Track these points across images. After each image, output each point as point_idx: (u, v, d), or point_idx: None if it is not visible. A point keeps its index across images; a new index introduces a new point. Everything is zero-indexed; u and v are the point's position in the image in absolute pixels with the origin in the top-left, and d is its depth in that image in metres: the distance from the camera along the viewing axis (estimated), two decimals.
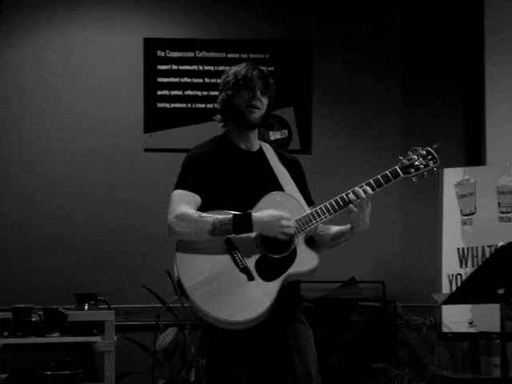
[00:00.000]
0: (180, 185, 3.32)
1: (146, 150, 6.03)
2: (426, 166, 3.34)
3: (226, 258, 3.20)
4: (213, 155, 3.35)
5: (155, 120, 6.04)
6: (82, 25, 6.04)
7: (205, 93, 6.07)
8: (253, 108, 3.35)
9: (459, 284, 5.16)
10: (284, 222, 3.17)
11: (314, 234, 3.36)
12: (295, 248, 3.22)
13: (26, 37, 5.98)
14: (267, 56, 6.14)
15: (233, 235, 3.20)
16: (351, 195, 3.23)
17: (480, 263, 5.06)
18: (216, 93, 5.93)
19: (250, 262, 3.19)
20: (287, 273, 3.19)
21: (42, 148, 5.96)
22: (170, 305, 5.52)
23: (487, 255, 5.12)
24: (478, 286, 3.74)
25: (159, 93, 6.05)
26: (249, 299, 3.13)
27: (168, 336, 5.47)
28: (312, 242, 3.35)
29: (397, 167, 3.31)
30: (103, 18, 6.08)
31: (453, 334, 5.23)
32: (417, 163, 3.34)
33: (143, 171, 6.01)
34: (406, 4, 6.37)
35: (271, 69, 6.07)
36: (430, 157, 3.37)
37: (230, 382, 3.18)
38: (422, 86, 6.37)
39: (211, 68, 6.08)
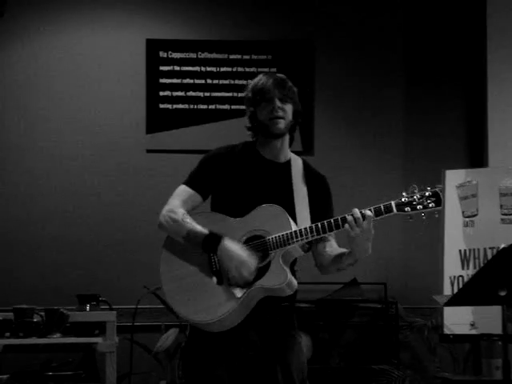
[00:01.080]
0: (187, 180, 3.39)
1: (148, 151, 6.03)
2: (425, 207, 3.20)
3: (204, 258, 3.23)
4: (231, 159, 3.37)
5: (157, 121, 6.04)
6: (85, 26, 6.05)
7: (207, 94, 6.08)
8: (276, 119, 3.30)
9: (461, 286, 5.15)
10: (244, 267, 3.13)
11: (323, 252, 3.34)
12: (269, 262, 3.18)
13: (28, 38, 5.99)
14: (269, 57, 6.14)
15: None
16: (348, 217, 3.14)
17: (482, 265, 5.05)
18: (218, 94, 6.10)
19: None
20: (254, 284, 3.16)
21: (44, 148, 5.96)
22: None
23: (489, 257, 5.11)
24: (479, 287, 3.73)
25: (161, 94, 6.05)
26: (211, 302, 3.17)
27: (170, 337, 5.47)
28: (320, 261, 3.35)
29: (392, 202, 3.20)
30: (105, 19, 6.09)
31: (454, 335, 5.22)
32: (416, 202, 3.21)
33: (145, 172, 6.01)
34: (409, 5, 6.36)
35: (273, 70, 6.06)
36: (433, 199, 3.20)
37: (208, 381, 3.21)
38: (424, 87, 6.36)
39: (213, 69, 6.09)
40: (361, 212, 3.14)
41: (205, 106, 6.07)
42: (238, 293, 3.16)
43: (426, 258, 6.00)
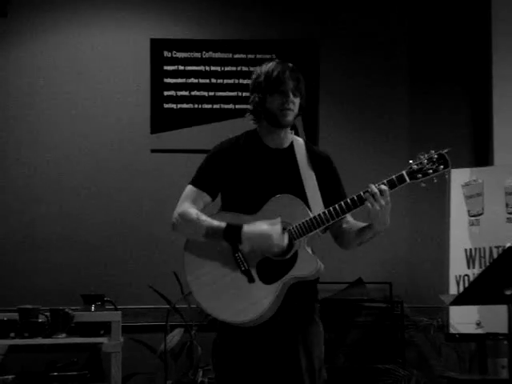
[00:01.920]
0: (194, 180, 3.40)
1: (153, 150, 6.02)
2: (436, 170, 3.24)
3: (230, 259, 3.26)
4: (236, 151, 3.38)
5: (162, 121, 6.03)
6: (88, 26, 6.04)
7: (211, 93, 6.06)
8: (286, 111, 3.35)
9: (467, 285, 5.14)
10: (273, 239, 3.18)
11: (340, 229, 3.38)
12: (296, 252, 3.23)
13: (32, 38, 5.98)
14: (273, 56, 6.07)
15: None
16: (367, 194, 3.17)
17: (487, 264, 5.03)
18: (222, 93, 6.09)
19: (252, 265, 3.25)
20: (286, 276, 3.22)
21: (48, 149, 5.95)
22: (177, 306, 5.52)
23: (495, 256, 5.11)
24: (485, 286, 3.72)
25: (166, 93, 6.04)
26: (248, 301, 3.21)
27: (175, 337, 5.46)
28: (340, 238, 3.39)
29: (404, 172, 3.23)
30: (109, 19, 6.08)
31: (460, 335, 5.21)
32: (426, 168, 3.23)
33: (150, 172, 6.00)
34: (414, 5, 6.35)
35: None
36: (441, 161, 3.25)
37: (239, 374, 3.28)
38: (428, 85, 6.35)
39: (218, 68, 6.07)
40: (376, 186, 3.18)
41: (209, 106, 6.06)
42: (273, 286, 3.21)
43: (431, 257, 6.00)
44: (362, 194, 3.19)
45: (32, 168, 5.92)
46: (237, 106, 6.04)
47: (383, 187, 3.18)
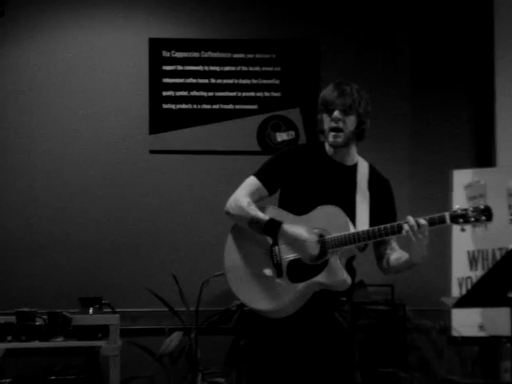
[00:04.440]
0: (258, 173, 3.59)
1: (152, 151, 5.99)
2: (477, 220, 3.32)
3: (267, 250, 3.48)
4: (302, 158, 3.56)
5: (161, 121, 6.00)
6: (87, 25, 6.03)
7: (210, 93, 6.03)
8: (334, 132, 3.47)
9: (469, 287, 5.12)
10: (306, 245, 3.39)
11: (384, 253, 3.58)
12: (327, 260, 3.40)
13: (29, 38, 5.97)
14: (274, 56, 6.09)
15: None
16: (404, 225, 3.30)
17: (490, 266, 5.00)
18: (221, 93, 6.05)
19: (285, 260, 3.45)
20: (311, 280, 3.39)
21: (45, 149, 5.93)
22: (176, 309, 5.49)
23: (498, 258, 5.08)
24: (488, 289, 3.69)
25: (164, 94, 6.01)
26: (271, 292, 3.43)
27: (173, 340, 5.46)
28: (380, 262, 3.62)
29: (446, 214, 3.31)
30: (108, 19, 6.06)
31: (463, 338, 5.18)
32: (469, 215, 3.31)
33: (149, 173, 5.98)
34: (416, 6, 6.31)
35: (278, 69, 6.04)
36: (486, 213, 3.32)
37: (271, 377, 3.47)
38: (430, 86, 6.32)
39: (217, 68, 6.04)
40: (416, 220, 3.30)
41: (208, 106, 6.03)
42: (297, 286, 3.39)
43: (433, 259, 5.92)
44: (402, 223, 3.33)
45: (30, 169, 5.90)
46: (236, 107, 6.02)
47: (422, 222, 3.29)
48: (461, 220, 3.30)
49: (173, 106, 6.01)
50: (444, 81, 6.33)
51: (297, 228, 3.41)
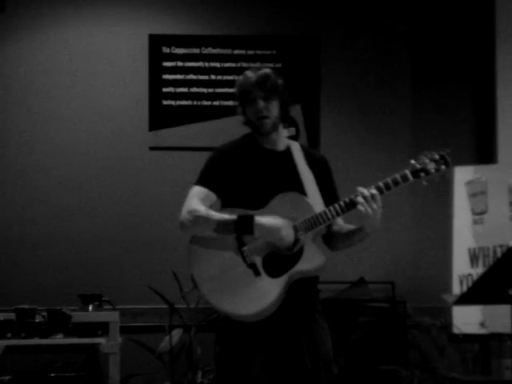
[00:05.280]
0: (199, 181, 3.43)
1: (152, 148, 5.99)
2: (437, 170, 3.34)
3: (236, 253, 3.32)
4: (237, 153, 3.45)
5: (160, 118, 5.99)
6: (86, 21, 6.02)
7: (211, 90, 6.03)
8: (262, 120, 3.41)
9: (470, 284, 5.11)
10: (283, 232, 3.26)
11: (330, 231, 3.46)
12: (302, 246, 3.30)
13: (29, 34, 5.96)
14: (274, 52, 6.09)
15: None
16: (359, 198, 3.27)
17: (491, 263, 4.99)
18: (221, 90, 6.04)
19: (258, 258, 3.31)
20: (293, 270, 3.29)
21: (45, 145, 5.93)
22: (176, 306, 5.48)
23: (499, 255, 5.06)
24: (489, 286, 3.70)
25: (164, 90, 6.00)
26: (253, 294, 3.27)
27: (173, 338, 5.45)
28: (329, 240, 3.46)
29: (407, 171, 3.31)
30: (108, 15, 6.06)
31: (464, 335, 5.19)
32: (428, 167, 3.33)
33: (149, 170, 5.97)
34: (416, 1, 6.30)
35: (278, 65, 6.03)
36: (442, 161, 3.36)
37: (242, 371, 3.31)
38: (432, 82, 6.31)
39: (217, 64, 6.03)
40: (369, 189, 3.28)
41: (209, 103, 6.02)
42: (279, 280, 3.27)
43: (434, 256, 5.96)
44: (353, 197, 3.29)
45: (29, 166, 5.90)
46: (236, 103, 6.00)
47: (373, 191, 3.27)
48: (422, 174, 3.30)
49: (173, 103, 6.00)
50: (445, 77, 6.32)
51: (269, 218, 3.28)
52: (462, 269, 5.25)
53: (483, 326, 5.11)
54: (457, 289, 5.21)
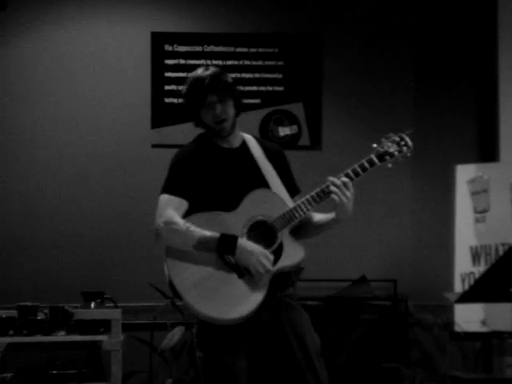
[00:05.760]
0: (167, 189, 3.42)
1: (154, 145, 5.99)
2: (400, 151, 3.44)
3: (216, 257, 3.27)
4: (197, 157, 3.41)
5: (163, 115, 6.00)
6: (88, 19, 6.03)
7: None
8: (220, 123, 3.39)
9: (472, 283, 5.10)
10: (263, 260, 3.23)
11: (301, 222, 3.44)
12: (281, 243, 3.31)
13: (31, 31, 5.97)
14: (276, 50, 6.08)
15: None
16: (332, 187, 3.29)
17: (493, 261, 4.99)
18: None
19: None
20: (276, 267, 3.28)
21: (47, 143, 5.94)
22: (178, 303, 5.48)
23: (500, 253, 5.06)
24: (490, 284, 3.69)
25: (167, 88, 6.01)
26: (240, 296, 3.24)
27: (175, 335, 5.46)
28: (298, 230, 3.42)
29: (372, 156, 3.40)
30: (110, 12, 6.06)
31: (465, 333, 5.18)
32: (391, 150, 3.42)
33: (151, 167, 5.97)
34: (419, 0, 6.32)
35: (280, 63, 6.03)
36: (403, 143, 3.46)
37: (229, 372, 3.26)
38: (434, 80, 6.30)
39: (219, 62, 6.01)
40: (339, 178, 3.33)
41: None
42: (263, 280, 3.25)
43: (436, 254, 5.96)
44: (324, 187, 3.32)
45: (31, 164, 5.91)
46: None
47: (344, 179, 3.32)
48: (387, 157, 3.39)
49: (175, 100, 5.99)
50: (447, 75, 6.30)
51: (252, 244, 3.24)
52: (464, 267, 5.24)
53: (485, 324, 5.10)
54: (459, 287, 5.20)
